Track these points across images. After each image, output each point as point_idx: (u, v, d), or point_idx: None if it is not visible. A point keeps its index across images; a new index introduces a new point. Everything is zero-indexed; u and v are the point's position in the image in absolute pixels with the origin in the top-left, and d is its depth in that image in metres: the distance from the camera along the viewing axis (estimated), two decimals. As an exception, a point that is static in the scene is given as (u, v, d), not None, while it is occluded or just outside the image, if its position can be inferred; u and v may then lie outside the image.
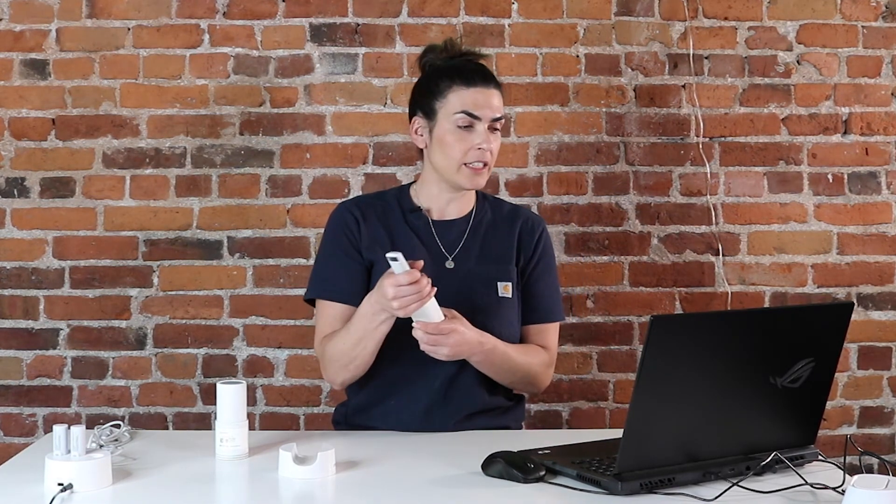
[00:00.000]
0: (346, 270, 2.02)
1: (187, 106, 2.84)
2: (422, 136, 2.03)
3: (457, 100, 1.97)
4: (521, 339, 2.08)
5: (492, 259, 2.06)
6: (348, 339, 1.91)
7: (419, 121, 2.03)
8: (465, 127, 1.96)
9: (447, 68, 2.02)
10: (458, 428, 1.97)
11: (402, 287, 1.76)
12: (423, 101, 2.03)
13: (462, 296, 1.96)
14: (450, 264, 2.03)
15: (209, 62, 2.84)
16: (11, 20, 2.81)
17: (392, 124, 2.85)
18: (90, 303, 2.84)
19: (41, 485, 1.52)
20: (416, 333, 1.85)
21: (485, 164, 1.98)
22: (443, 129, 1.98)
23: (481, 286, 2.02)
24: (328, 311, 2.02)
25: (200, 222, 2.85)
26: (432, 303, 1.81)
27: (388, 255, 1.75)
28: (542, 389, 2.11)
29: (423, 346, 1.86)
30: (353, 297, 1.98)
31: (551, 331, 2.11)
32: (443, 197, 2.06)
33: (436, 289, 1.80)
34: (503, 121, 2.02)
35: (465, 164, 1.97)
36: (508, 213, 2.12)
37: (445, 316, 1.85)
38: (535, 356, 2.05)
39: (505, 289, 2.04)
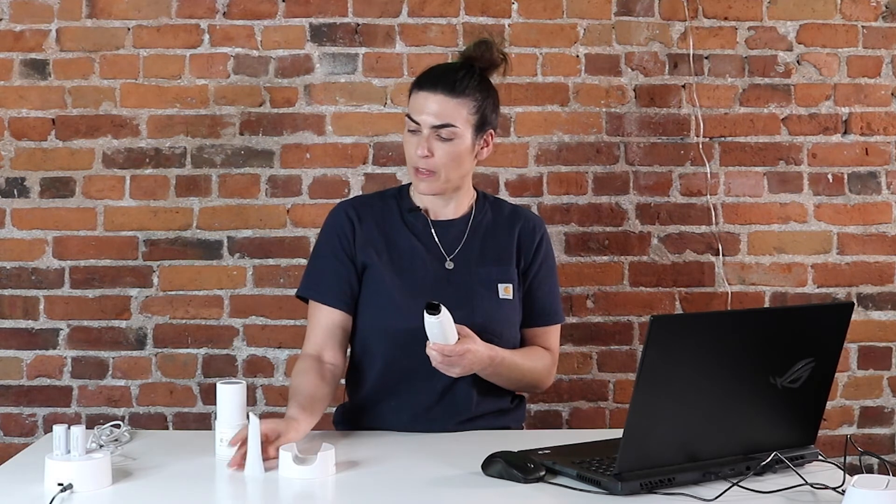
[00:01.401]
0: (334, 274, 2.02)
1: (187, 106, 2.84)
2: None
3: (410, 102, 1.97)
4: (524, 341, 2.07)
5: (492, 260, 2.04)
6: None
7: None
8: (412, 131, 1.96)
9: (427, 69, 2.02)
10: (458, 429, 1.97)
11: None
12: None
13: (462, 297, 1.96)
14: (449, 265, 2.02)
15: (209, 62, 2.84)
16: (11, 20, 2.81)
17: (392, 124, 2.85)
18: (90, 303, 2.84)
19: (41, 485, 1.53)
20: (431, 353, 1.82)
21: (429, 171, 1.95)
22: (405, 130, 1.99)
23: (482, 288, 2.01)
24: (314, 312, 2.02)
25: (200, 222, 2.85)
26: (450, 323, 1.80)
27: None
28: (544, 390, 2.12)
29: (435, 364, 1.84)
30: (339, 300, 2.00)
31: (553, 332, 2.11)
32: (433, 197, 2.05)
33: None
34: (455, 129, 1.93)
35: (414, 167, 1.97)
36: (509, 215, 2.11)
37: (459, 334, 1.83)
38: (541, 360, 2.05)
39: (506, 290, 2.03)
